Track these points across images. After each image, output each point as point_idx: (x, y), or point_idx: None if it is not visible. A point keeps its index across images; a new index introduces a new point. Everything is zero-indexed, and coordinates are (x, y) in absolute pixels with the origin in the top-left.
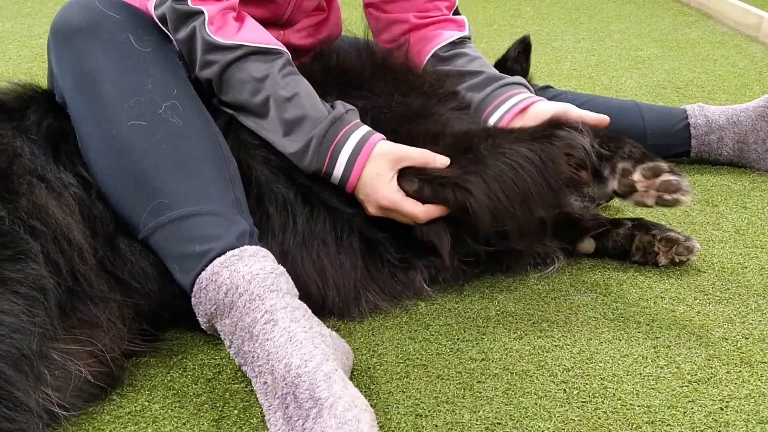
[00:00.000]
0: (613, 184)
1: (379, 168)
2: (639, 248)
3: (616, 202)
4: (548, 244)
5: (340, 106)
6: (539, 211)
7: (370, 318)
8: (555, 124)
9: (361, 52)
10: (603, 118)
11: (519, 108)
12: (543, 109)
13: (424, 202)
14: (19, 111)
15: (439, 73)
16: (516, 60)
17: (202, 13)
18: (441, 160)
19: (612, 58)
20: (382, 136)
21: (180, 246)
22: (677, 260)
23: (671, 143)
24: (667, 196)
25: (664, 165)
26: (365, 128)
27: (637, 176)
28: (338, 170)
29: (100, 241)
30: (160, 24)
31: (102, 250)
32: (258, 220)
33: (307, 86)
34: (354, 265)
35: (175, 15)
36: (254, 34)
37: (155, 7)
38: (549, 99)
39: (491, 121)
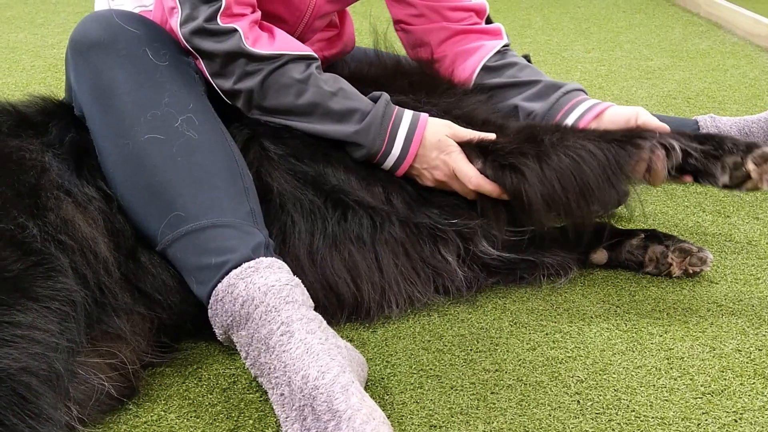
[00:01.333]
0: (724, 179)
1: (439, 135)
2: (652, 259)
3: (627, 211)
4: (561, 255)
5: (380, 92)
6: (595, 206)
7: (383, 328)
8: (635, 132)
9: (372, 61)
10: (665, 127)
11: (594, 113)
12: (618, 113)
13: None
14: (42, 125)
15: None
16: None
17: (236, 30)
18: (488, 136)
19: (622, 69)
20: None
21: (196, 258)
22: (691, 271)
23: None
24: None
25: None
26: (412, 111)
27: (750, 165)
28: (397, 146)
29: (123, 253)
30: (183, 41)
31: (125, 262)
32: (282, 226)
33: (346, 82)
34: (394, 254)
35: (207, 33)
36: (289, 44)
37: (182, 24)
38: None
39: None
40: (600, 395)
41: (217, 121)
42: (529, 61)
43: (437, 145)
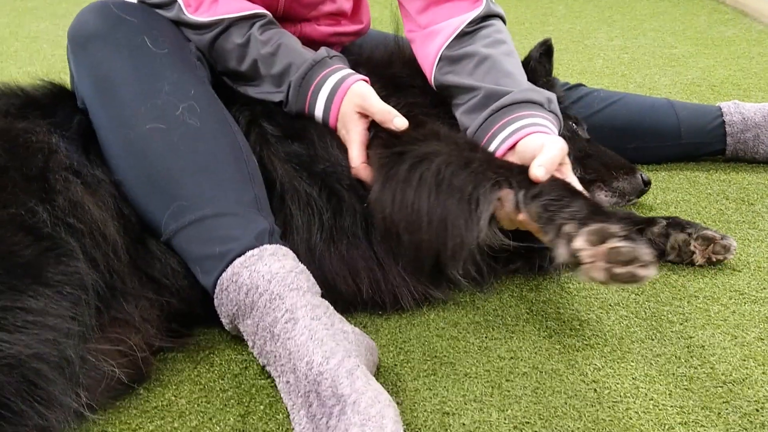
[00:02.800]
0: (562, 253)
1: (346, 108)
2: (674, 247)
3: (648, 199)
4: None
5: (324, 50)
6: (427, 235)
7: (397, 315)
8: (491, 170)
9: (389, 47)
10: (536, 176)
11: (509, 144)
12: (527, 145)
13: None
14: (51, 107)
15: None
16: (539, 61)
17: (175, 1)
18: (399, 123)
19: (645, 56)
20: (365, 78)
21: (200, 248)
22: (714, 259)
23: (706, 141)
24: (618, 270)
25: (615, 227)
26: (347, 71)
27: (579, 243)
28: (318, 110)
29: (132, 237)
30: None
31: (133, 246)
32: (282, 219)
33: (291, 36)
34: (393, 253)
35: (152, 6)
36: (232, 5)
37: None
38: (580, 97)
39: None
40: (618, 383)
41: (219, 107)
42: (549, 47)
43: (343, 118)
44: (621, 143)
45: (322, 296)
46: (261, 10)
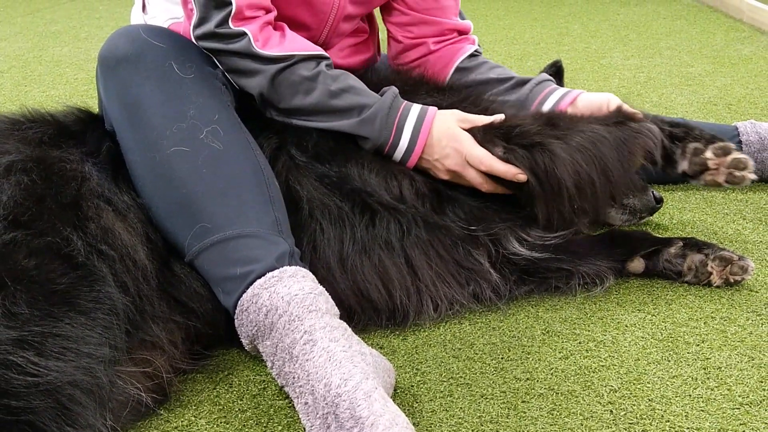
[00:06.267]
0: (684, 165)
1: (449, 124)
2: (691, 268)
3: (664, 219)
4: (597, 264)
5: (392, 88)
6: (613, 186)
7: (414, 335)
8: (625, 115)
9: (398, 72)
10: (638, 112)
11: (569, 99)
12: (592, 100)
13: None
14: (81, 135)
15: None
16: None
17: (245, 34)
18: (497, 118)
19: (662, 75)
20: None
21: (222, 269)
22: (732, 280)
23: None
24: (737, 173)
25: (732, 145)
26: (418, 104)
27: (708, 154)
28: (405, 138)
29: (159, 261)
30: (196, 43)
31: (160, 270)
32: (312, 233)
33: (356, 78)
34: (427, 255)
35: (217, 37)
36: (299, 44)
37: (194, 27)
38: None
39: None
40: (634, 405)
41: (243, 131)
42: (560, 67)
43: (446, 133)
44: None
45: (353, 306)
46: (325, 53)
